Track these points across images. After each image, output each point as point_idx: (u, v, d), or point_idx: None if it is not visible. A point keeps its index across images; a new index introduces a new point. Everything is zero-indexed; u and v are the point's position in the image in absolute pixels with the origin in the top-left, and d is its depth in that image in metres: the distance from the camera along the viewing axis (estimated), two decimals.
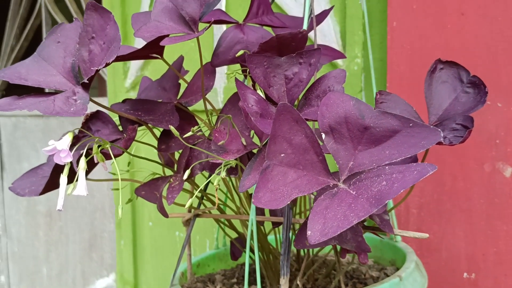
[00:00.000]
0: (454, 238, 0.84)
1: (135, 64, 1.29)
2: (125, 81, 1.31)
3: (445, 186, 0.84)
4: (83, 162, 0.46)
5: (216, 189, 0.46)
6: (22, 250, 1.83)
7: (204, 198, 0.75)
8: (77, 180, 0.46)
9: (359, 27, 0.94)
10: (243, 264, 0.89)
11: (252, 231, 0.57)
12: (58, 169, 0.55)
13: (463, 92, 0.51)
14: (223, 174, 0.50)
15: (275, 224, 0.69)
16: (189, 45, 1.16)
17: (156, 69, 1.26)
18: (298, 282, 0.59)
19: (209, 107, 0.63)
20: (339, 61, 0.97)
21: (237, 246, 0.82)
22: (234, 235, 0.81)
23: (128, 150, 0.59)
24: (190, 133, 0.51)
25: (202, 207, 0.75)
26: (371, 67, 0.83)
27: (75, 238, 1.68)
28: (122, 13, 1.30)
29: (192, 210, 0.74)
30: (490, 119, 0.80)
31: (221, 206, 0.79)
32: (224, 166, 0.46)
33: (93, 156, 0.53)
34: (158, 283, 1.32)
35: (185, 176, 0.48)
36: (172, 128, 0.47)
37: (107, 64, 0.46)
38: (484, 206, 0.81)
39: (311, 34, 1.00)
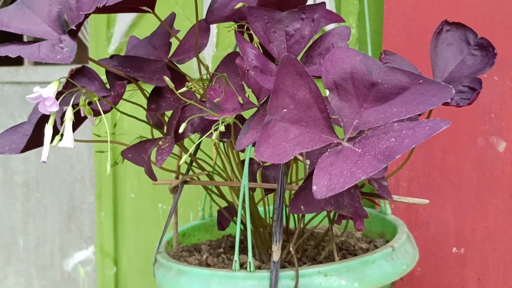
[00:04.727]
0: (443, 212, 0.83)
1: (119, 30, 1.25)
2: (108, 47, 1.27)
3: (436, 160, 0.83)
4: (70, 112, 0.43)
5: (215, 144, 0.44)
6: None
7: (194, 164, 0.72)
8: (63, 133, 0.43)
9: None
10: (229, 235, 0.87)
11: (244, 197, 0.55)
12: (41, 125, 0.52)
13: (470, 54, 0.49)
14: (215, 136, 0.47)
15: (267, 191, 0.67)
16: (182, 4, 1.12)
17: (142, 35, 1.21)
18: (291, 249, 0.57)
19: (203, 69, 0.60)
20: None
21: (225, 216, 0.79)
22: (221, 204, 0.79)
23: (114, 109, 0.56)
24: (184, 89, 0.48)
25: (190, 173, 0.72)
26: (367, 37, 0.80)
27: (53, 210, 1.64)
28: None
29: (180, 176, 0.72)
30: (485, 93, 0.79)
31: (210, 173, 0.77)
32: (222, 122, 0.44)
33: (78, 112, 0.50)
34: (139, 256, 1.30)
35: (181, 129, 0.45)
36: (167, 79, 0.44)
37: (97, 8, 0.43)
38: (475, 180, 0.81)
39: None
